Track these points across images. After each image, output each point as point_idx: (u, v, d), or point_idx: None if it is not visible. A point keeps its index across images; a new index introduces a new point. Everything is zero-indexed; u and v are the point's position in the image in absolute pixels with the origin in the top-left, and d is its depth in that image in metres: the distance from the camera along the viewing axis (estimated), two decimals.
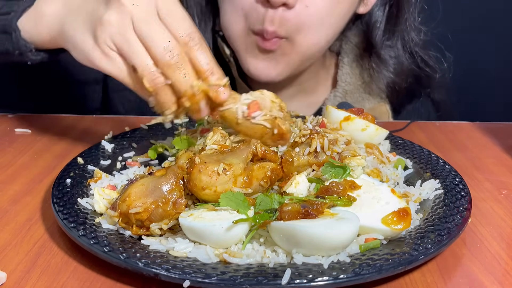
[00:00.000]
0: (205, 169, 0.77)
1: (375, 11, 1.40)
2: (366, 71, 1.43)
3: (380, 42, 1.39)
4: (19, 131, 1.27)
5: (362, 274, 0.68)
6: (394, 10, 1.39)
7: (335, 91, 1.47)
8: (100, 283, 0.72)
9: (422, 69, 1.43)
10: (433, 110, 1.55)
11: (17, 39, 1.07)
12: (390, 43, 1.40)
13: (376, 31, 1.39)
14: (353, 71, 1.46)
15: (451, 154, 1.17)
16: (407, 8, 1.38)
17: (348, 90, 1.45)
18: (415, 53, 1.42)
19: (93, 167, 0.99)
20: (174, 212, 0.77)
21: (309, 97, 1.51)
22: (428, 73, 1.44)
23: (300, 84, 1.48)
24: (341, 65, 1.48)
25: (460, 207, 0.84)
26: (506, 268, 0.77)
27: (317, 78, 1.51)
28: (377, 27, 1.39)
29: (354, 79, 1.46)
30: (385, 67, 1.40)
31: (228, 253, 0.72)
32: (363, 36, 1.44)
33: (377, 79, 1.41)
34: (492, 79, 2.02)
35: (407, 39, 1.40)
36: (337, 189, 0.79)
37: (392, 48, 1.40)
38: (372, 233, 0.76)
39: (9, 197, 0.96)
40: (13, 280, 0.72)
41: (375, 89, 1.43)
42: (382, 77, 1.40)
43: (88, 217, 0.82)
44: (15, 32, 1.06)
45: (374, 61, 1.40)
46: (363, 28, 1.43)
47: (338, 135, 0.94)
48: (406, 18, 1.39)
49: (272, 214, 0.75)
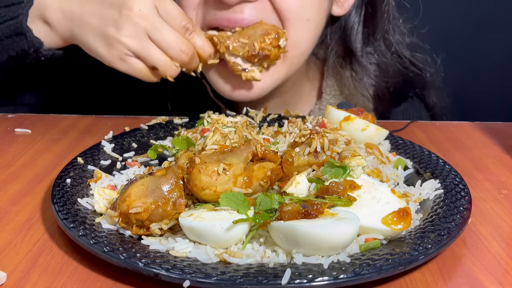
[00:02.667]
0: (205, 169, 0.77)
1: (351, 15, 1.36)
2: (348, 81, 1.39)
3: (359, 48, 1.35)
4: (19, 131, 1.27)
5: (362, 274, 0.68)
6: (370, 9, 1.35)
7: (320, 103, 1.44)
8: (100, 283, 0.72)
9: (410, 70, 1.40)
10: (425, 112, 1.51)
11: (31, 38, 1.18)
12: (372, 49, 1.36)
13: (354, 36, 1.35)
14: (337, 82, 1.42)
15: (451, 154, 1.17)
16: (382, 6, 1.33)
17: (333, 103, 1.41)
18: (401, 55, 1.38)
19: (93, 167, 0.99)
20: (174, 212, 0.77)
21: (292, 109, 1.39)
22: (417, 73, 1.41)
23: (282, 95, 1.43)
24: (326, 75, 1.44)
25: (460, 207, 0.84)
26: (506, 268, 0.77)
27: (300, 90, 1.46)
28: (355, 31, 1.35)
29: (338, 92, 1.42)
30: (367, 74, 1.35)
31: (228, 253, 0.72)
32: (343, 43, 1.39)
33: (359, 87, 1.37)
34: (492, 79, 2.02)
35: (391, 41, 1.37)
36: (337, 189, 0.79)
37: (373, 54, 1.36)
38: (372, 233, 0.76)
39: (9, 197, 0.96)
40: (13, 280, 0.72)
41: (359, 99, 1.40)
42: (363, 84, 1.36)
43: (88, 217, 0.82)
44: (28, 32, 1.18)
45: (354, 68, 1.36)
46: (340, 34, 1.39)
47: (338, 135, 0.94)
48: (386, 18, 1.34)
49: (272, 214, 0.75)
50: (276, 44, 1.19)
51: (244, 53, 1.19)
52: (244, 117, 1.08)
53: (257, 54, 1.18)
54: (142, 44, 1.09)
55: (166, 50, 1.12)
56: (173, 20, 1.12)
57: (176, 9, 1.14)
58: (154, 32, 1.09)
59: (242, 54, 1.20)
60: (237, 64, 1.21)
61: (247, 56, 1.19)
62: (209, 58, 1.21)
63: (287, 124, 1.11)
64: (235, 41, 1.19)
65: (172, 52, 1.12)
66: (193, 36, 1.14)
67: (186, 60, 1.14)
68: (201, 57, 1.19)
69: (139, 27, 1.08)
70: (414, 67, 1.40)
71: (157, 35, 1.10)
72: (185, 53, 1.13)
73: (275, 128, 1.12)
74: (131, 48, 1.09)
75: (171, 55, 1.13)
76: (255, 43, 1.18)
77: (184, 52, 1.12)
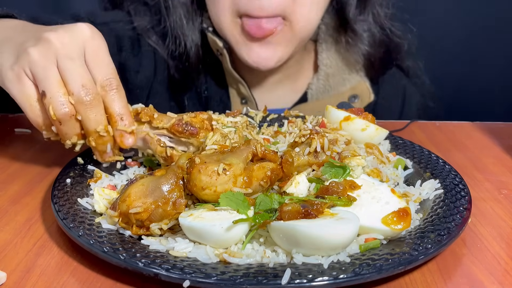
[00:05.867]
0: (205, 169, 0.77)
1: None
2: (343, 48, 1.50)
3: (353, 17, 1.46)
4: (19, 131, 1.27)
5: (362, 274, 0.68)
6: None
7: (317, 75, 1.53)
8: (100, 283, 0.72)
9: (392, 40, 1.52)
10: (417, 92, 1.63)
11: None
12: (363, 17, 1.48)
13: (350, 7, 1.46)
14: (332, 54, 1.52)
15: (451, 154, 1.17)
16: None
17: (330, 73, 1.51)
18: (384, 25, 1.50)
19: (93, 167, 0.99)
20: (174, 212, 0.77)
21: (294, 82, 1.57)
22: (398, 43, 1.53)
23: (286, 69, 1.53)
24: (321, 50, 1.53)
25: (460, 207, 0.84)
26: (506, 268, 0.77)
27: (301, 63, 1.56)
28: (350, 3, 1.46)
29: (334, 62, 1.52)
30: (360, 40, 1.47)
31: (228, 253, 0.72)
32: (337, 15, 1.50)
33: (354, 53, 1.49)
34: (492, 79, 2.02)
35: (377, 12, 1.49)
36: (337, 189, 0.79)
37: (365, 22, 1.48)
38: (372, 233, 0.76)
39: (9, 197, 0.96)
40: (13, 280, 0.72)
41: (354, 65, 1.51)
42: (358, 50, 1.48)
43: (88, 217, 0.82)
44: None
45: (349, 35, 1.48)
46: (337, 7, 1.49)
47: (338, 135, 0.94)
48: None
49: (272, 214, 0.75)
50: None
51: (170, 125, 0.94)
52: (244, 117, 1.08)
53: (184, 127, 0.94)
54: (45, 64, 0.87)
55: (67, 80, 0.87)
56: (97, 66, 0.91)
57: (107, 57, 0.92)
58: (64, 60, 0.88)
59: (168, 127, 0.94)
60: (160, 141, 0.95)
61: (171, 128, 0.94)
62: (124, 132, 0.92)
63: (287, 124, 1.11)
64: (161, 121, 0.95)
65: (72, 84, 0.87)
66: (112, 94, 0.90)
67: (85, 100, 0.87)
68: (112, 123, 0.91)
69: (52, 49, 0.88)
70: (395, 36, 1.53)
71: (65, 63, 0.88)
72: (86, 90, 0.87)
73: (275, 128, 1.12)
74: (32, 62, 0.87)
75: (69, 88, 0.87)
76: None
77: (86, 90, 0.87)
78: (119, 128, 0.91)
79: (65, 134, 0.92)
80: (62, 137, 0.93)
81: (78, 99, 0.87)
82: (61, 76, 0.88)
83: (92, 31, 0.92)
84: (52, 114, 0.88)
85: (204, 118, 0.93)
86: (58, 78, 0.88)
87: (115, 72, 0.93)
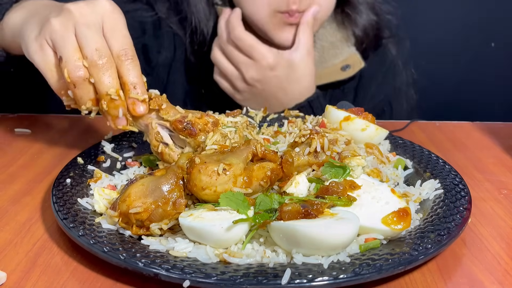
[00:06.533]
0: (205, 169, 0.77)
1: None
2: (341, 25, 1.59)
3: None
4: (19, 131, 1.27)
5: (362, 274, 0.68)
6: None
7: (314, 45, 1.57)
8: (100, 283, 0.72)
9: (382, 19, 1.61)
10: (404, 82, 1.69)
11: None
12: None
13: None
14: (328, 30, 1.59)
15: (451, 154, 1.17)
16: None
17: (325, 46, 1.58)
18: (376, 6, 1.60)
19: (93, 167, 0.99)
20: (174, 212, 0.77)
21: None
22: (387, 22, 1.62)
23: None
24: None
25: (460, 207, 0.84)
26: (506, 268, 0.77)
27: None
28: None
29: (329, 36, 1.59)
30: (359, 15, 1.56)
31: (228, 253, 0.72)
32: None
33: (353, 27, 1.57)
34: (492, 79, 2.02)
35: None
36: (337, 189, 0.79)
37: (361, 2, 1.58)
38: (372, 233, 0.76)
39: (9, 197, 0.96)
40: (13, 280, 0.72)
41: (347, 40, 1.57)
42: (356, 24, 1.56)
43: (88, 217, 0.82)
44: None
45: (349, 9, 1.56)
46: None
47: (338, 135, 0.94)
48: None
49: (272, 214, 0.75)
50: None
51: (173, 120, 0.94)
52: (244, 117, 1.08)
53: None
54: (63, 32, 0.93)
55: (82, 45, 0.92)
56: (114, 37, 0.94)
57: (124, 29, 0.96)
58: (81, 27, 0.92)
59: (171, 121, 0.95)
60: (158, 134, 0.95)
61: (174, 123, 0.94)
62: (136, 100, 0.93)
63: (287, 124, 1.11)
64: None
65: (86, 48, 0.91)
66: (127, 63, 0.93)
67: (98, 63, 0.91)
68: (126, 91, 0.93)
69: (71, 19, 0.94)
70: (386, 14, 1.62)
71: (82, 30, 0.92)
72: (99, 53, 0.91)
73: (275, 128, 1.12)
74: (53, 32, 0.93)
75: (84, 52, 0.91)
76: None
77: (99, 53, 0.91)
78: (132, 96, 0.93)
79: (80, 99, 0.94)
80: (78, 102, 0.95)
81: (91, 62, 0.91)
82: (78, 42, 0.93)
83: (112, 5, 0.97)
84: (67, 77, 0.91)
85: (208, 121, 0.93)
86: (75, 44, 0.93)
87: (131, 43, 0.96)
